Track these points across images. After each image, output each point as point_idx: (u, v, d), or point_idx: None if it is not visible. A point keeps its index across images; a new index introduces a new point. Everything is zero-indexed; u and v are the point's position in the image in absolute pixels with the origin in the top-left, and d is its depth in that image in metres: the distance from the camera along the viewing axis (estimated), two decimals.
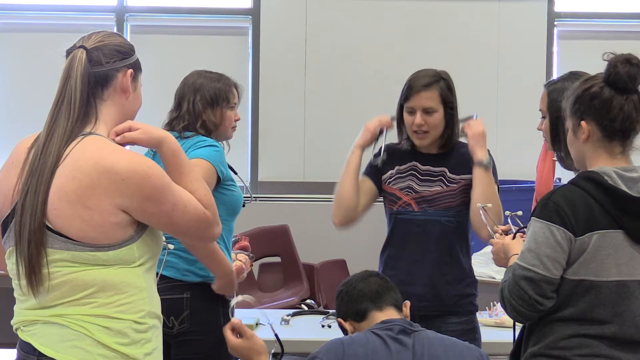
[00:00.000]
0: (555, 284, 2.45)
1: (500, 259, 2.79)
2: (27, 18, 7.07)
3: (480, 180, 3.37)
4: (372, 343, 2.64)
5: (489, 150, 3.44)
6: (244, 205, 3.52)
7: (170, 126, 3.47)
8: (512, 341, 2.77)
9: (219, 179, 3.35)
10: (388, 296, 2.81)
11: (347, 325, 2.82)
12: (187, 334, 3.35)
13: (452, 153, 3.52)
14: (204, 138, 3.38)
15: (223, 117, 3.45)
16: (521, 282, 2.44)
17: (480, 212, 3.04)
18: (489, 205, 3.13)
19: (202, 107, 3.42)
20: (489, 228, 2.99)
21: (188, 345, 3.36)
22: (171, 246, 3.00)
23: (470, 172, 3.44)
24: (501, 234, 2.86)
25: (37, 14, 7.07)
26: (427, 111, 3.42)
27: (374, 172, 3.57)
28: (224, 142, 3.57)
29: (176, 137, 3.40)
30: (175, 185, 2.35)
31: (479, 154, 3.37)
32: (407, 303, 2.86)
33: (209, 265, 3.34)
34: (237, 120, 3.53)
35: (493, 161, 3.48)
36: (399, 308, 2.82)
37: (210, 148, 3.34)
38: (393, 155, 3.55)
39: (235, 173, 3.52)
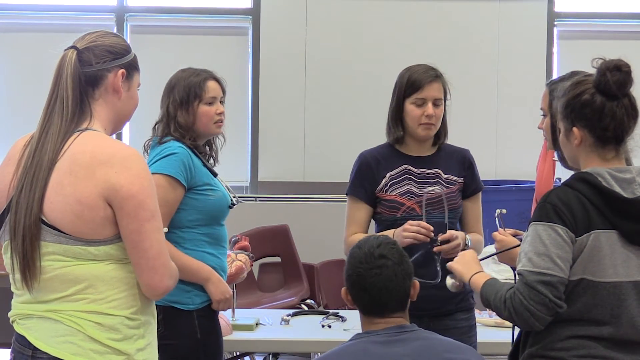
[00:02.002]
0: (566, 284, 2.45)
1: (505, 255, 2.86)
2: (27, 18, 7.07)
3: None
4: (355, 351, 2.55)
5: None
6: (231, 207, 3.46)
7: (154, 130, 3.47)
8: (510, 341, 2.76)
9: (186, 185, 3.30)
10: (392, 302, 2.60)
11: (347, 296, 2.70)
12: (161, 338, 3.28)
13: (440, 154, 3.53)
14: (168, 145, 3.34)
15: (196, 115, 3.41)
16: (539, 287, 2.41)
17: (496, 218, 3.05)
18: (504, 211, 3.15)
19: (174, 110, 3.41)
20: (500, 229, 2.99)
21: (164, 350, 3.28)
22: (165, 229, 2.92)
23: (461, 173, 3.51)
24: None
25: (37, 14, 7.06)
26: (435, 103, 3.44)
27: (368, 192, 3.49)
28: (220, 137, 3.55)
29: (156, 143, 3.40)
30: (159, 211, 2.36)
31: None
32: (416, 285, 2.65)
33: (184, 277, 3.26)
34: (219, 113, 3.45)
35: (474, 165, 3.57)
36: (403, 306, 2.68)
37: (165, 159, 3.29)
38: (379, 163, 3.50)
39: (215, 175, 3.44)
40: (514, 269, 2.92)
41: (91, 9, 7.10)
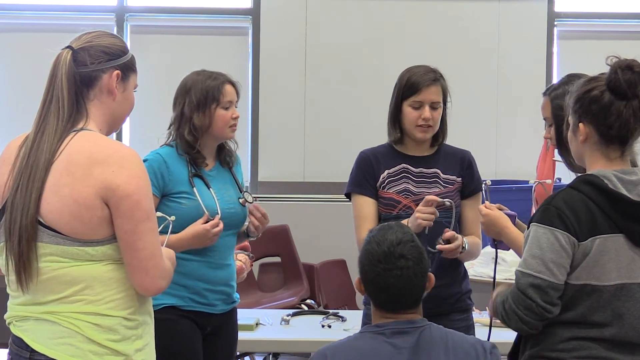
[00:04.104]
0: (560, 290, 2.43)
1: (491, 229, 2.93)
2: (27, 18, 7.08)
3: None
4: (363, 348, 2.55)
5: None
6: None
7: (169, 130, 3.46)
8: (512, 342, 2.75)
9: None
10: (409, 301, 2.61)
11: (361, 286, 2.64)
12: None
13: (439, 154, 3.53)
14: (152, 151, 3.35)
15: (212, 118, 3.40)
16: (528, 291, 2.42)
17: (482, 189, 3.06)
18: (489, 182, 3.17)
19: (190, 112, 3.39)
20: (486, 202, 3.00)
21: None
22: (172, 217, 2.88)
23: (460, 173, 3.50)
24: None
25: (37, 14, 7.07)
26: (433, 106, 3.44)
27: (370, 186, 3.48)
28: (233, 142, 3.54)
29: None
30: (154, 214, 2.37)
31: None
32: (431, 278, 2.64)
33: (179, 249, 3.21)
34: (235, 117, 3.45)
35: (474, 165, 3.56)
36: (418, 302, 2.64)
37: None
38: (378, 160, 3.50)
39: (203, 184, 3.40)
40: (496, 243, 2.98)
41: (91, 9, 7.11)
